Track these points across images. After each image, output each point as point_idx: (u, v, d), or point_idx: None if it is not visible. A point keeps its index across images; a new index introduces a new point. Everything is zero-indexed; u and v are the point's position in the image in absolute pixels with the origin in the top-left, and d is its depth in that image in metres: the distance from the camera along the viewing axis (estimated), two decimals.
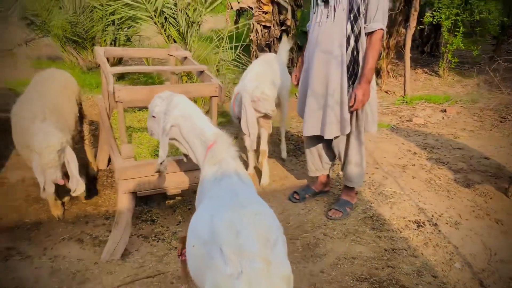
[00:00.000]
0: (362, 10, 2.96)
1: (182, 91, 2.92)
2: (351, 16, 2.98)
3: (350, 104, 3.07)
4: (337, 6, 3.00)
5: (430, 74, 8.41)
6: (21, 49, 6.81)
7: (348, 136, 3.27)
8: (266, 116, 3.78)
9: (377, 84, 7.71)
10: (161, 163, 2.24)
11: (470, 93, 7.11)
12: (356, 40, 3.02)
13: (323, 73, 3.13)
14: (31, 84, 3.27)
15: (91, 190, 3.67)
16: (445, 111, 6.26)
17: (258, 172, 4.13)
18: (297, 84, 3.49)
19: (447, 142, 5.05)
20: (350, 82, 3.09)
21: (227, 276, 1.34)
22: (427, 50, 9.78)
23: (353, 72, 3.08)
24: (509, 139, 5.13)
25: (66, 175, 2.88)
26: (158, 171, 2.38)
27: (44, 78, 3.33)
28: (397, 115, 6.20)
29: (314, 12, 3.18)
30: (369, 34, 3.01)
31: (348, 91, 3.09)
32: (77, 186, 2.87)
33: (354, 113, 3.18)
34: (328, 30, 3.06)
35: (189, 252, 1.64)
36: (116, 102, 2.67)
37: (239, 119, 3.72)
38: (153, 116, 2.33)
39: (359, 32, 3.01)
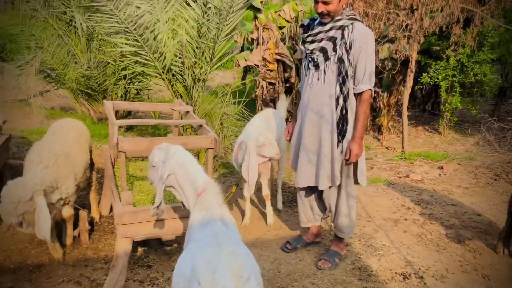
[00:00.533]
0: (350, 73, 3.23)
1: (181, 143, 3.16)
2: (340, 78, 3.25)
3: (346, 158, 3.28)
4: (327, 70, 3.28)
5: (431, 132, 8.62)
6: (36, 100, 7.15)
7: (339, 188, 3.46)
8: (269, 161, 4.04)
9: (378, 140, 7.94)
10: (157, 207, 2.44)
11: (469, 151, 7.28)
12: (345, 100, 3.28)
13: (314, 131, 3.38)
14: (48, 131, 3.55)
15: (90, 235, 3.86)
16: (442, 168, 6.42)
17: (257, 217, 4.30)
18: (290, 139, 3.72)
19: (441, 198, 5.18)
20: (340, 138, 3.32)
21: None
22: (428, 108, 10.04)
23: (342, 129, 3.32)
24: (502, 197, 5.25)
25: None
26: (156, 215, 2.57)
27: (59, 127, 3.62)
28: (395, 171, 6.36)
29: (306, 75, 3.45)
30: (358, 95, 3.27)
31: (337, 147, 3.31)
32: (40, 237, 2.94)
33: (344, 167, 3.38)
34: (319, 91, 3.33)
35: None
36: (119, 152, 2.89)
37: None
38: (153, 166, 2.55)
39: (348, 93, 3.26)
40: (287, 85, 8.20)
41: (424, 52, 8.10)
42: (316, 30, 3.30)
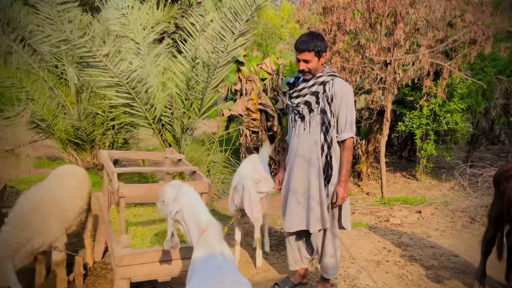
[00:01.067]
0: (332, 123, 3.56)
1: None
2: (323, 128, 3.57)
3: (333, 201, 3.54)
4: (311, 120, 3.61)
5: (409, 178, 8.95)
6: (23, 150, 7.27)
7: (325, 230, 3.70)
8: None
9: (358, 186, 8.23)
10: (170, 240, 2.66)
11: (445, 195, 7.60)
12: (329, 147, 3.59)
13: (303, 175, 3.67)
14: (48, 177, 3.74)
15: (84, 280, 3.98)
16: (420, 212, 6.70)
17: (246, 260, 4.47)
18: (280, 188, 3.97)
19: (420, 241, 5.42)
20: (326, 182, 3.60)
21: None
22: (405, 155, 10.44)
23: (328, 174, 3.61)
24: (478, 238, 5.48)
25: None
26: (171, 248, 2.78)
27: (59, 173, 3.82)
28: (376, 215, 6.61)
29: (293, 127, 3.77)
30: (342, 142, 3.59)
31: (324, 191, 3.58)
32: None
33: (330, 210, 3.63)
34: (305, 140, 3.65)
35: None
36: (119, 197, 3.09)
37: (240, 210, 4.15)
38: (163, 201, 2.78)
39: (331, 141, 3.59)
40: (270, 133, 8.53)
41: (398, 102, 8.57)
42: (300, 86, 3.66)
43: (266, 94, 8.79)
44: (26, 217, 3.30)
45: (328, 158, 3.60)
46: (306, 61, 3.52)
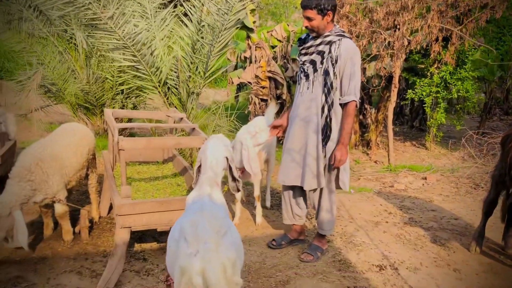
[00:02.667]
0: (335, 85, 3.57)
1: (175, 142, 3.50)
2: (325, 89, 3.60)
3: (331, 163, 3.60)
4: (315, 80, 3.64)
5: (418, 147, 8.94)
6: (35, 115, 7.43)
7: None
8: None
9: (367, 154, 8.26)
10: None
11: (453, 164, 7.60)
12: (329, 109, 3.63)
13: (301, 133, 3.73)
14: (51, 134, 3.88)
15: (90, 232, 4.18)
16: (425, 178, 6.73)
17: (246, 218, 4.59)
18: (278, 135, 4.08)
19: (422, 205, 5.47)
20: (324, 143, 3.65)
21: (187, 255, 1.83)
22: (416, 125, 10.42)
23: (326, 135, 3.66)
24: (480, 203, 5.53)
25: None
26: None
27: (60, 130, 3.97)
28: (381, 181, 6.66)
29: (299, 84, 3.81)
30: (344, 105, 3.61)
31: (322, 150, 3.63)
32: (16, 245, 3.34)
33: (327, 168, 3.70)
34: (307, 99, 3.69)
35: (168, 253, 2.12)
36: (119, 150, 3.20)
37: (239, 169, 4.23)
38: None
39: (332, 103, 3.61)
40: (279, 101, 8.55)
41: (409, 70, 8.50)
42: (308, 44, 3.69)
43: (276, 62, 8.77)
44: (31, 170, 3.45)
45: (328, 119, 3.63)
46: (309, 19, 3.53)
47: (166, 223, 3.33)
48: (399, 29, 6.42)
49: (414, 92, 7.97)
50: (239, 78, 9.03)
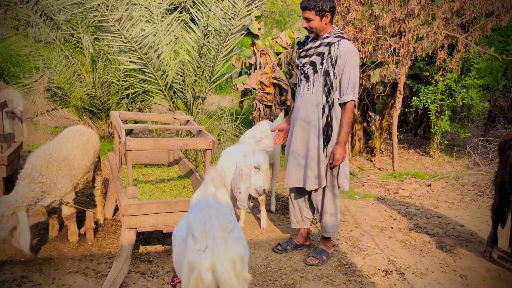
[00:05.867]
0: (335, 85, 3.60)
1: (182, 144, 3.50)
2: (326, 89, 3.63)
3: (330, 161, 3.62)
4: (315, 81, 3.66)
5: (422, 155, 8.92)
6: (40, 118, 7.46)
7: (324, 190, 3.78)
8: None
9: (371, 161, 8.24)
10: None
11: (458, 171, 7.57)
12: (330, 109, 3.65)
13: (303, 136, 3.76)
14: (57, 136, 3.89)
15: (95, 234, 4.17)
16: (430, 185, 6.71)
17: (251, 222, 4.58)
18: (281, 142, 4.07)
19: (427, 212, 5.45)
20: (325, 143, 3.68)
21: (196, 251, 1.81)
22: (420, 132, 10.40)
23: (327, 135, 3.68)
24: (485, 210, 5.51)
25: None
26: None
27: (67, 132, 3.98)
28: (385, 188, 6.64)
29: (299, 86, 3.83)
30: (343, 104, 3.62)
31: (323, 151, 3.65)
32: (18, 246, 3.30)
33: (329, 170, 3.70)
34: (308, 100, 3.72)
35: (174, 251, 2.10)
36: (126, 150, 3.20)
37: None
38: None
39: (332, 102, 3.64)
40: (283, 107, 8.56)
41: (414, 77, 8.51)
42: (307, 46, 3.72)
43: (281, 68, 8.79)
44: (42, 172, 3.45)
45: (329, 119, 3.66)
46: (307, 20, 3.59)
47: (172, 225, 3.31)
48: (404, 35, 6.43)
49: (418, 99, 7.97)
50: (243, 84, 9.05)
